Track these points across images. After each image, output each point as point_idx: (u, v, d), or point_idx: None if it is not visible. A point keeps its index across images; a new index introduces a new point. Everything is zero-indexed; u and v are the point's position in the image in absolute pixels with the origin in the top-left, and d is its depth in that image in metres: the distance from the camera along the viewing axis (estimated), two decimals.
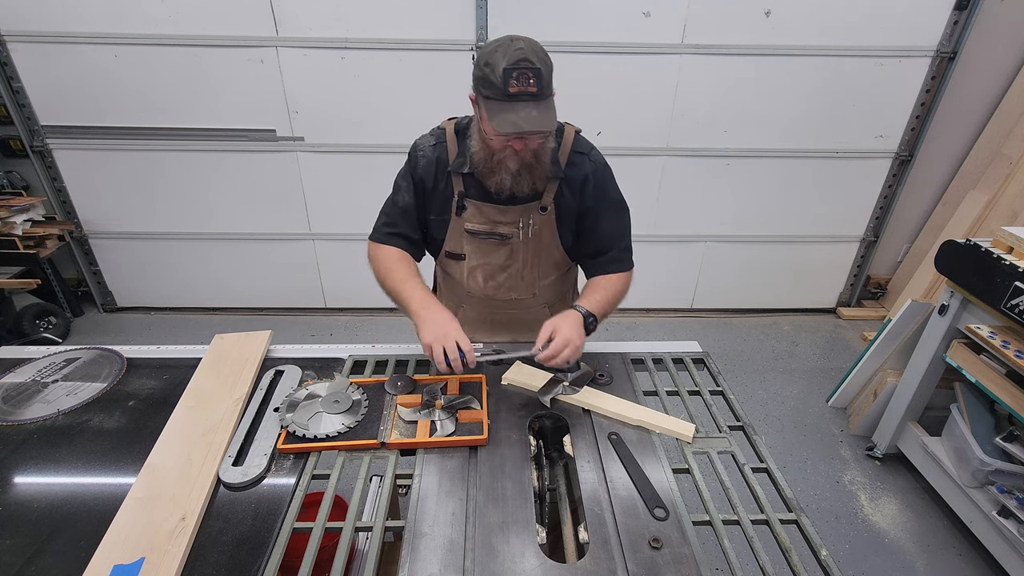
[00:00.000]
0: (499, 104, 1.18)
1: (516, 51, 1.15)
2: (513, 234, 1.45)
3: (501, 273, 1.53)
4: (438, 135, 1.44)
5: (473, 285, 1.56)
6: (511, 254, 1.49)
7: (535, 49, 1.18)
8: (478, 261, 1.51)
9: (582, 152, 1.43)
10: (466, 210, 1.43)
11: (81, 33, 2.92)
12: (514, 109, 1.17)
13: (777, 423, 2.93)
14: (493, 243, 1.47)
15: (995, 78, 3.32)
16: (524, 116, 1.17)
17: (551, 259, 1.53)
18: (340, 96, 3.13)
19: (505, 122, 1.18)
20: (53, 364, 1.47)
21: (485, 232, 1.45)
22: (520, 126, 1.17)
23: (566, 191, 1.42)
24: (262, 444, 1.22)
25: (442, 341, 1.26)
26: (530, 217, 1.43)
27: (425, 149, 1.42)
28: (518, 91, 1.16)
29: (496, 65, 1.16)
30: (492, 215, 1.42)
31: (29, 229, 3.20)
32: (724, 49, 3.09)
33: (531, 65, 1.15)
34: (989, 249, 2.03)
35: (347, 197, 3.44)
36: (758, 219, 3.63)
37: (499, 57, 1.16)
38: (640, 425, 1.30)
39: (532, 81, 1.16)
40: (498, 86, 1.16)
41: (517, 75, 1.15)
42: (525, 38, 1.20)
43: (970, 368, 2.11)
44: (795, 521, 1.11)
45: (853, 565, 2.18)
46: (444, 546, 1.00)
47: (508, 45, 1.17)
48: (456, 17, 2.96)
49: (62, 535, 1.03)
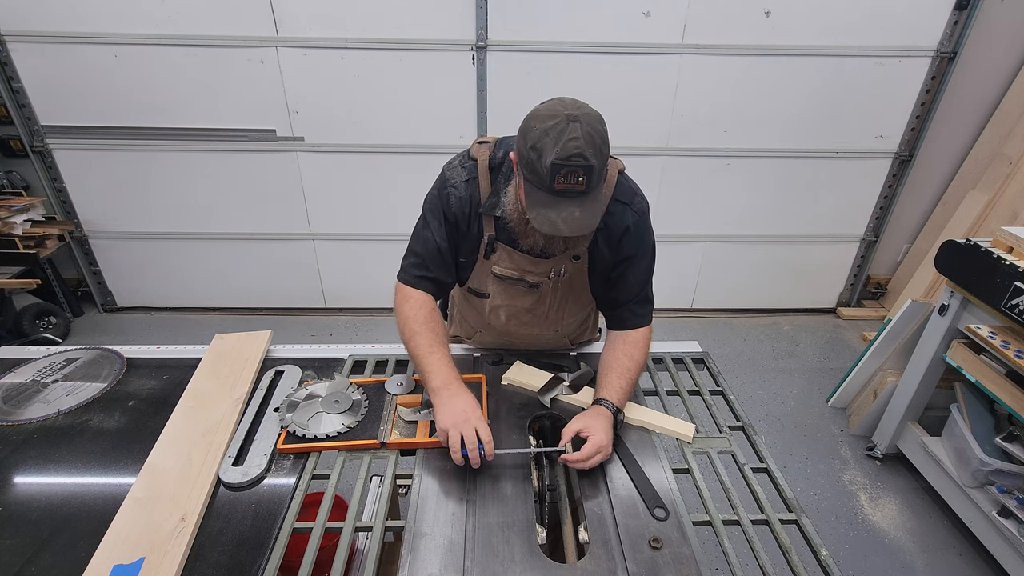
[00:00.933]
0: (542, 196, 1.06)
1: (570, 141, 1.00)
2: (543, 283, 1.36)
3: (526, 315, 1.45)
4: (470, 169, 1.28)
5: (494, 320, 1.48)
6: (539, 300, 1.41)
7: (593, 137, 1.02)
8: (502, 302, 1.42)
9: (623, 202, 1.29)
10: (495, 253, 1.32)
11: (81, 33, 2.92)
12: (556, 206, 1.05)
13: (777, 423, 2.93)
14: (521, 288, 1.38)
15: (995, 78, 3.32)
16: (564, 217, 1.05)
17: (578, 303, 1.47)
18: (340, 96, 3.13)
19: (544, 220, 1.06)
20: (53, 364, 1.47)
21: (513, 278, 1.35)
22: (559, 229, 1.05)
23: (601, 241, 1.30)
24: (262, 444, 1.22)
25: (460, 428, 1.12)
26: (562, 267, 1.33)
27: (458, 186, 1.27)
28: (564, 188, 1.03)
29: (544, 152, 1.01)
30: (522, 264, 1.33)
31: (29, 229, 3.19)
32: (724, 49, 3.09)
33: (584, 163, 1.01)
34: (989, 249, 2.03)
35: (347, 197, 3.44)
36: (758, 219, 3.63)
37: (549, 145, 1.01)
38: (640, 425, 1.30)
39: (582, 180, 1.02)
40: (543, 178, 1.03)
41: (566, 172, 1.01)
42: (587, 118, 1.03)
43: (970, 368, 2.11)
44: (795, 521, 1.11)
45: (853, 565, 2.18)
46: (444, 546, 1.00)
47: (562, 131, 1.01)
48: (456, 17, 2.96)
49: (62, 535, 1.03)
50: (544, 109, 1.07)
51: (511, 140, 1.26)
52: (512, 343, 1.59)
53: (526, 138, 1.05)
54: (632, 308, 1.39)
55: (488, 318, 1.48)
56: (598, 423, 1.19)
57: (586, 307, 1.52)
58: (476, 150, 1.29)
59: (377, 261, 3.66)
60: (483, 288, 1.41)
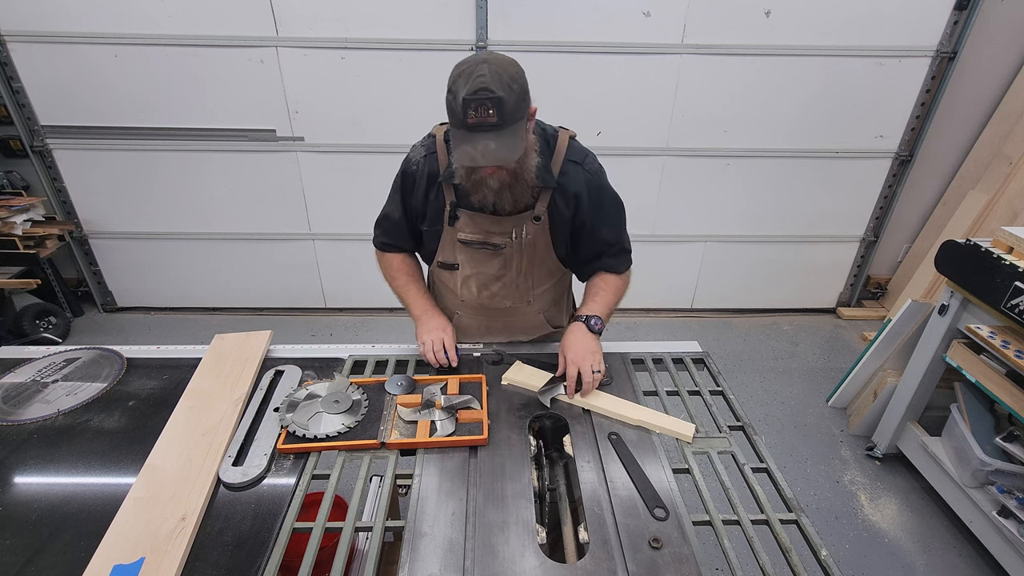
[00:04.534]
0: (460, 134, 1.15)
1: (478, 79, 1.09)
2: (506, 244, 1.43)
3: (495, 283, 1.51)
4: (428, 144, 1.41)
5: (467, 294, 1.55)
6: (505, 263, 1.47)
7: (500, 75, 1.11)
8: (472, 271, 1.49)
9: (575, 161, 1.39)
10: (459, 220, 1.41)
11: (81, 33, 2.92)
12: (472, 141, 1.13)
13: (777, 423, 2.93)
14: (487, 253, 1.45)
15: (995, 78, 3.32)
16: (482, 149, 1.13)
17: (545, 267, 1.52)
18: (340, 96, 3.13)
19: (463, 154, 1.15)
20: (53, 364, 1.47)
21: (478, 242, 1.43)
22: (476, 160, 1.14)
23: (559, 201, 1.39)
24: (262, 444, 1.22)
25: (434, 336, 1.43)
26: (523, 227, 1.40)
27: (418, 162, 1.40)
28: (476, 122, 1.11)
29: (458, 93, 1.11)
30: (485, 225, 1.41)
31: (29, 229, 3.20)
32: (724, 49, 3.09)
33: (491, 95, 1.09)
34: (989, 249, 2.03)
35: (347, 197, 3.44)
36: (758, 219, 3.63)
37: (461, 84, 1.11)
38: (640, 425, 1.30)
39: (492, 112, 1.10)
40: (458, 115, 1.12)
41: (476, 106, 1.10)
42: (496, 60, 1.14)
43: (970, 368, 2.11)
44: (795, 521, 1.11)
45: (853, 565, 2.18)
46: (444, 546, 1.00)
47: (472, 71, 1.11)
48: (456, 17, 2.96)
49: (62, 535, 1.03)
50: (461, 62, 1.16)
51: None
52: (488, 322, 1.63)
53: (448, 89, 1.15)
54: (608, 260, 1.51)
55: (461, 293, 1.55)
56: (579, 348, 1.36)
57: (555, 274, 1.57)
58: (435, 129, 1.43)
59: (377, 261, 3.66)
60: (452, 259, 1.50)
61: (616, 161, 3.37)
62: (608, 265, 1.51)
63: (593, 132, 3.25)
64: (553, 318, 1.68)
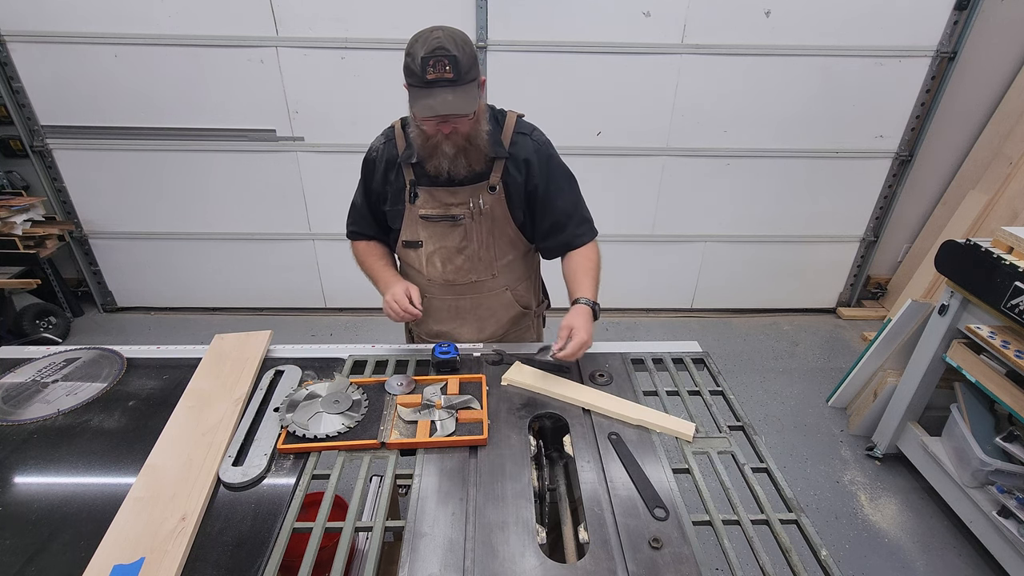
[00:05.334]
0: (419, 91, 1.26)
1: (434, 40, 1.23)
2: (464, 214, 1.50)
3: (458, 256, 1.56)
4: (388, 133, 1.54)
5: (432, 271, 1.60)
6: (465, 235, 1.53)
7: (454, 38, 1.25)
8: (435, 246, 1.55)
9: (524, 133, 1.50)
10: (419, 197, 1.50)
11: (81, 33, 2.92)
12: (432, 95, 1.25)
13: (777, 423, 2.93)
14: (447, 226, 1.52)
15: (995, 78, 3.32)
16: (440, 100, 1.24)
17: (505, 237, 1.57)
18: (340, 96, 3.13)
19: (424, 107, 1.26)
20: (53, 364, 1.47)
21: (438, 216, 1.51)
22: (436, 109, 1.25)
23: (512, 169, 1.48)
24: (262, 444, 1.22)
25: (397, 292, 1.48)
26: (480, 197, 1.48)
27: (378, 149, 1.53)
28: (435, 78, 1.23)
29: (416, 54, 1.24)
30: (443, 198, 1.49)
31: (29, 229, 3.20)
32: (724, 49, 3.09)
33: (447, 53, 1.23)
34: (989, 249, 2.03)
35: (347, 197, 3.38)
36: (758, 219, 3.64)
37: (419, 47, 1.24)
38: (640, 425, 1.30)
39: (448, 68, 1.23)
40: (417, 74, 1.24)
41: (434, 62, 1.22)
42: (447, 28, 1.27)
43: (970, 368, 2.11)
44: (795, 521, 1.11)
45: (853, 565, 2.18)
46: (444, 546, 1.00)
47: (428, 35, 1.25)
48: (456, 17, 2.96)
49: (62, 535, 1.03)
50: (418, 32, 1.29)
51: None
52: (457, 301, 1.66)
53: (406, 54, 1.27)
54: (573, 231, 1.55)
55: (427, 271, 1.60)
56: (581, 322, 1.39)
57: (516, 246, 1.61)
58: (395, 122, 1.54)
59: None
60: (415, 236, 1.56)
61: (616, 161, 3.38)
62: (573, 237, 1.55)
63: (593, 132, 3.24)
64: (521, 297, 1.71)
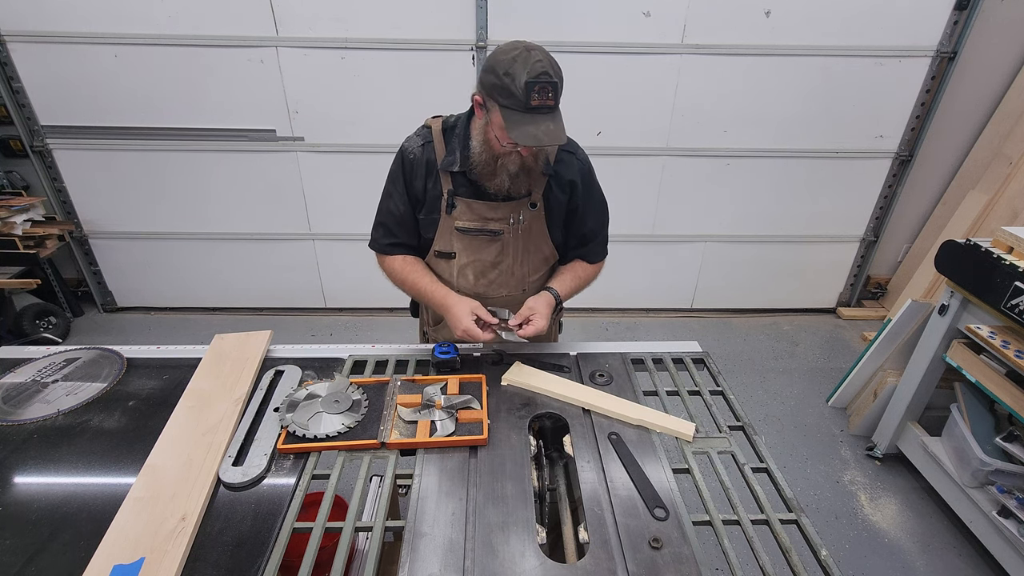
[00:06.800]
0: (519, 115, 1.21)
1: (536, 63, 1.18)
2: (504, 230, 1.47)
3: (492, 270, 1.54)
4: (425, 135, 1.45)
5: (463, 283, 1.56)
6: (502, 250, 1.51)
7: (551, 62, 1.22)
8: (468, 259, 1.52)
9: (570, 151, 1.48)
10: (456, 208, 1.45)
11: (81, 33, 2.92)
12: (534, 122, 1.21)
13: (777, 423, 2.93)
14: (484, 240, 1.49)
15: (995, 78, 3.32)
16: (544, 130, 1.20)
17: (540, 254, 1.56)
18: (340, 96, 3.13)
19: (526, 135, 1.20)
20: (53, 364, 1.47)
21: (476, 229, 1.47)
22: (540, 140, 1.20)
23: (555, 187, 1.46)
24: (262, 444, 1.22)
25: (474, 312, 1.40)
26: (520, 213, 1.46)
27: (415, 150, 1.44)
28: (539, 104, 1.19)
29: (517, 76, 1.18)
30: (483, 212, 1.45)
31: (29, 229, 3.20)
32: (724, 49, 3.09)
33: (550, 79, 1.19)
34: (989, 249, 2.03)
35: (347, 197, 3.44)
36: (758, 219, 3.63)
37: (519, 68, 1.18)
38: (640, 425, 1.30)
39: (551, 95, 1.20)
40: (519, 98, 1.19)
41: (539, 89, 1.18)
42: (538, 48, 1.22)
43: (970, 368, 2.11)
44: (795, 521, 1.11)
45: (853, 565, 2.18)
46: (444, 546, 1.00)
47: (527, 57, 1.19)
48: (456, 17, 2.96)
49: (62, 535, 1.03)
50: (503, 46, 1.25)
51: (461, 113, 1.45)
52: None
53: (496, 70, 1.21)
54: (591, 249, 1.60)
55: (457, 282, 1.56)
56: (543, 308, 1.44)
57: (548, 262, 1.61)
58: (430, 121, 1.47)
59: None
60: (449, 247, 1.51)
61: (616, 161, 3.38)
62: (588, 253, 1.60)
63: (593, 132, 3.24)
64: None
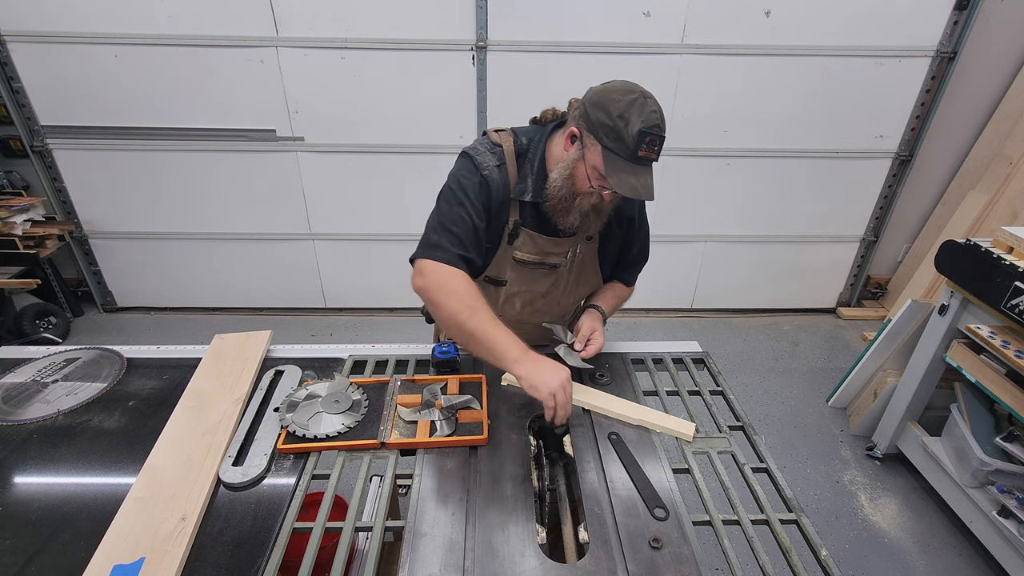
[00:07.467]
0: (623, 163, 1.15)
1: (651, 113, 1.13)
2: (561, 263, 1.43)
3: (540, 300, 1.49)
4: (498, 155, 1.30)
5: (509, 311, 1.50)
6: (555, 282, 1.46)
7: (662, 114, 1.16)
8: (519, 288, 1.46)
9: None
10: (518, 238, 1.36)
11: (81, 33, 2.92)
12: (636, 173, 1.16)
13: (777, 423, 2.93)
14: (540, 272, 1.43)
15: (995, 78, 3.32)
16: (643, 183, 1.16)
17: (588, 285, 1.54)
18: (340, 96, 3.13)
19: (625, 184, 1.15)
20: (53, 364, 1.47)
21: (535, 262, 1.40)
22: (638, 192, 1.16)
23: (614, 223, 1.41)
24: (262, 444, 1.22)
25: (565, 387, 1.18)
26: (578, 246, 1.41)
27: (491, 170, 1.28)
28: (644, 156, 1.15)
29: (631, 123, 1.12)
30: (545, 246, 1.38)
31: (29, 229, 3.20)
32: (724, 49, 3.09)
33: (661, 133, 1.14)
34: (989, 249, 2.03)
35: (347, 197, 3.44)
36: (758, 219, 3.63)
37: (635, 115, 1.12)
38: (640, 425, 1.30)
39: (657, 148, 1.16)
40: (627, 145, 1.13)
41: (649, 140, 1.13)
42: (652, 96, 1.16)
43: (970, 368, 2.11)
44: (795, 521, 1.11)
45: (853, 565, 2.18)
46: (444, 546, 1.00)
47: (643, 104, 1.13)
48: (456, 17, 2.96)
49: (62, 535, 1.03)
50: (618, 85, 1.18)
51: (526, 130, 1.36)
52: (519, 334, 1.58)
53: (608, 110, 1.14)
54: (629, 272, 1.59)
55: (502, 308, 1.50)
56: (599, 326, 1.42)
57: (592, 289, 1.59)
58: (498, 137, 1.32)
59: (377, 261, 3.66)
60: (501, 275, 1.44)
61: None
62: (625, 276, 1.59)
63: None
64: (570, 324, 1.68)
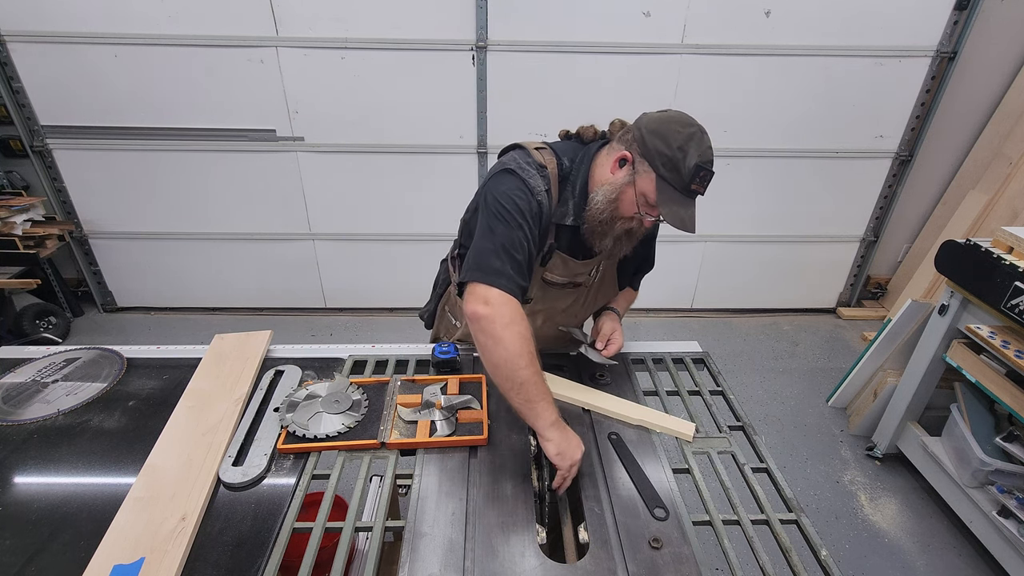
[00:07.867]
0: (675, 194, 1.17)
1: (707, 149, 1.16)
2: (585, 282, 1.46)
3: (560, 315, 1.52)
4: (544, 177, 1.25)
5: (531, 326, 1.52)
6: (576, 298, 1.50)
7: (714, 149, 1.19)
8: (543, 306, 1.47)
9: None
10: (551, 260, 1.36)
11: (81, 33, 2.92)
12: (684, 205, 1.18)
13: (777, 423, 2.93)
14: (565, 291, 1.45)
15: (995, 78, 3.32)
16: (689, 215, 1.18)
17: (604, 298, 1.57)
18: (340, 96, 3.13)
19: (675, 215, 1.17)
20: (53, 364, 1.47)
21: (562, 283, 1.42)
22: (685, 225, 1.17)
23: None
24: (262, 444, 1.22)
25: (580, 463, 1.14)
26: (601, 264, 1.45)
27: (543, 195, 1.24)
28: (695, 189, 1.17)
29: (689, 155, 1.13)
30: (575, 268, 1.40)
31: (29, 229, 3.19)
32: (724, 49, 3.09)
33: (712, 169, 1.17)
34: (989, 249, 2.03)
35: (347, 197, 3.44)
36: (758, 219, 3.63)
37: (693, 148, 1.14)
38: (640, 425, 1.30)
39: (707, 184, 1.18)
40: (682, 176, 1.15)
41: (703, 176, 1.16)
42: (706, 131, 1.19)
43: (970, 368, 2.11)
44: (795, 521, 1.11)
45: (853, 565, 2.18)
46: (444, 546, 1.00)
47: (701, 139, 1.16)
48: (456, 17, 2.96)
49: (62, 535, 1.03)
50: (676, 116, 1.20)
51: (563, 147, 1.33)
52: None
53: (668, 140, 1.15)
54: (639, 278, 1.65)
55: None
56: (619, 326, 1.48)
57: (609, 299, 1.61)
58: (541, 157, 1.27)
59: (377, 261, 3.66)
60: (528, 295, 1.43)
61: None
62: (632, 282, 1.63)
63: None
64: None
